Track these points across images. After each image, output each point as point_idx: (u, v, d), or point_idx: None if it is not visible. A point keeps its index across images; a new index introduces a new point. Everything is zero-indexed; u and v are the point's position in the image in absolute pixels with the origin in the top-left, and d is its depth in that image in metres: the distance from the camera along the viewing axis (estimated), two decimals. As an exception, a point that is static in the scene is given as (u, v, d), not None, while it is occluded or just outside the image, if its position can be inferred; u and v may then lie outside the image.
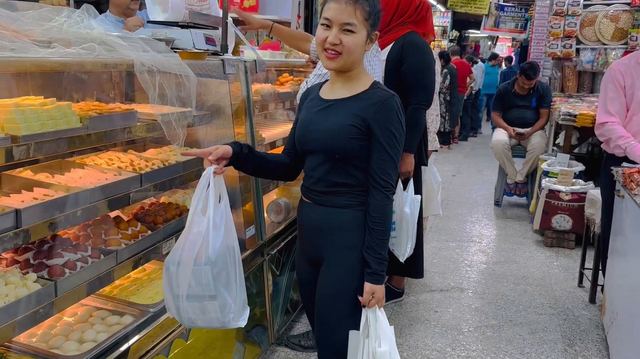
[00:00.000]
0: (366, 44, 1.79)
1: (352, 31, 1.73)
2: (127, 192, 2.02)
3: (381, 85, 1.86)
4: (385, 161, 1.79)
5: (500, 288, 4.00)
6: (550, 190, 4.87)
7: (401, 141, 1.82)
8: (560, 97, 6.22)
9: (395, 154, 1.80)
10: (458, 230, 5.32)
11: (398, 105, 1.80)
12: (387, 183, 1.79)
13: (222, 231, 1.72)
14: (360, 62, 1.83)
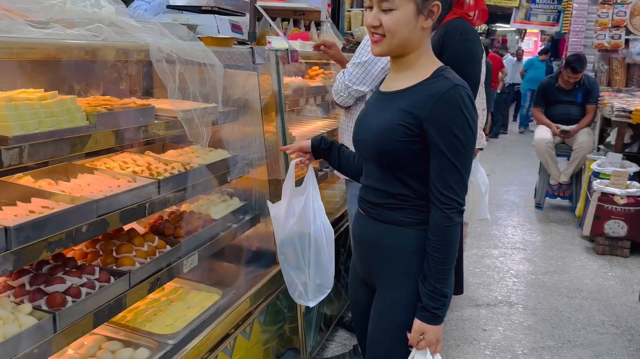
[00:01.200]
0: (418, 18, 1.43)
1: (391, 8, 1.41)
2: (142, 202, 1.72)
3: (448, 72, 1.50)
4: (446, 170, 1.43)
5: (553, 302, 3.62)
6: (603, 193, 4.46)
7: (468, 144, 1.44)
8: (608, 91, 5.79)
9: (461, 161, 1.43)
10: (499, 236, 4.94)
11: (463, 98, 1.42)
12: (448, 199, 1.43)
13: (293, 219, 1.84)
14: (417, 44, 1.47)
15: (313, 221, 1.84)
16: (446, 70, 1.51)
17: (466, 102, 1.43)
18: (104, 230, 1.58)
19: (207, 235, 2.06)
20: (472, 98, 1.45)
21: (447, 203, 1.44)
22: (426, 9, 1.43)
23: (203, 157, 2.15)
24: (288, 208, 1.85)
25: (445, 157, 1.43)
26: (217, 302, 1.99)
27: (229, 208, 2.31)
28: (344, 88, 2.43)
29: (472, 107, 1.44)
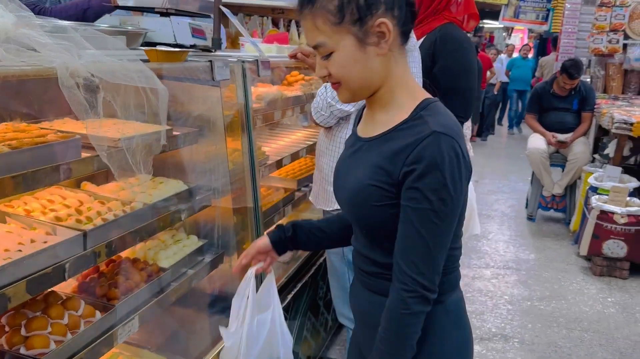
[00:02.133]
0: (366, 49, 1.10)
1: (329, 52, 1.11)
2: (60, 263, 1.34)
3: (431, 110, 1.13)
4: (410, 241, 1.10)
5: (552, 335, 3.31)
6: (602, 211, 4.16)
7: (444, 211, 1.08)
8: (605, 98, 5.50)
9: (431, 232, 1.09)
10: (491, 253, 4.63)
11: (442, 151, 1.06)
12: (408, 279, 1.10)
13: (257, 348, 1.38)
14: (382, 76, 1.14)
15: (282, 346, 1.43)
16: (428, 107, 1.14)
17: (445, 155, 1.06)
18: (2, 308, 1.21)
19: (153, 290, 1.69)
20: (456, 148, 1.08)
21: (406, 283, 1.11)
22: (371, 35, 1.09)
23: (150, 191, 1.78)
24: (249, 334, 1.37)
25: (411, 225, 1.09)
26: (162, 377, 1.63)
27: (183, 251, 1.94)
28: (325, 106, 2.07)
29: (456, 160, 1.07)
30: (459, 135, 1.10)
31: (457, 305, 1.25)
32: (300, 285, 2.51)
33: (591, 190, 4.50)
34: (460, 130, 1.13)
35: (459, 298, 1.26)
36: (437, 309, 1.18)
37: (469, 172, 1.13)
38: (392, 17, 1.09)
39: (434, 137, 1.06)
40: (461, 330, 1.27)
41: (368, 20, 1.08)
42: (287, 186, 3.01)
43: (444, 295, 1.19)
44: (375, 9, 1.07)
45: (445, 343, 1.22)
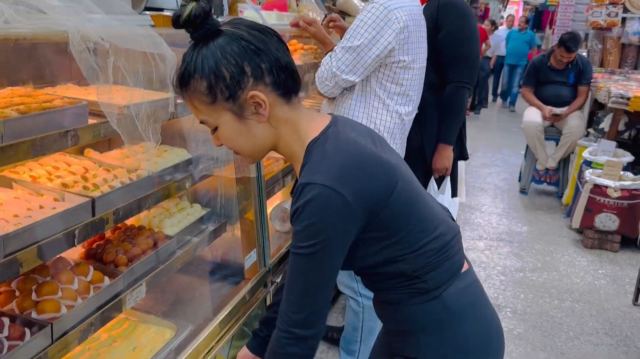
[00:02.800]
0: (246, 121, 1.11)
1: (214, 127, 1.14)
2: (70, 229, 1.35)
3: (313, 150, 1.12)
4: (289, 281, 1.12)
5: (544, 305, 3.38)
6: (596, 185, 4.20)
7: (314, 255, 1.06)
8: (601, 72, 5.50)
9: (302, 274, 1.09)
10: (484, 225, 4.68)
11: (310, 199, 1.04)
12: (282, 316, 1.12)
13: None
14: (272, 139, 1.15)
15: None
16: (310, 153, 1.12)
17: (308, 204, 1.04)
18: (15, 273, 1.21)
19: (159, 257, 1.70)
20: (324, 194, 1.04)
21: (282, 322, 1.12)
22: (247, 108, 1.09)
23: (155, 159, 1.77)
24: None
25: (290, 266, 1.11)
26: (170, 342, 1.65)
27: (188, 219, 1.95)
28: (330, 76, 2.06)
29: (322, 206, 1.04)
30: (329, 177, 1.06)
31: (458, 297, 1.19)
32: (301, 254, 2.53)
33: (585, 164, 4.54)
34: (339, 167, 1.08)
35: (459, 288, 1.19)
36: (435, 305, 1.17)
37: (348, 209, 1.06)
38: (265, 85, 1.09)
39: (301, 188, 1.07)
40: (469, 322, 1.19)
41: (240, 95, 1.08)
42: (286, 157, 3.00)
43: (437, 290, 1.17)
44: (244, 84, 1.07)
45: (447, 341, 1.18)
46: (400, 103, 2.13)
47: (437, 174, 2.69)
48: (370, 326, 2.35)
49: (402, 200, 1.13)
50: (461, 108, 2.64)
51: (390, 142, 2.16)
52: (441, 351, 1.18)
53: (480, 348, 1.21)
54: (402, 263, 1.15)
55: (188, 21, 1.05)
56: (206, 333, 1.73)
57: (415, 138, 2.56)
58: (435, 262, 1.17)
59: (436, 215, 1.21)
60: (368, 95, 2.12)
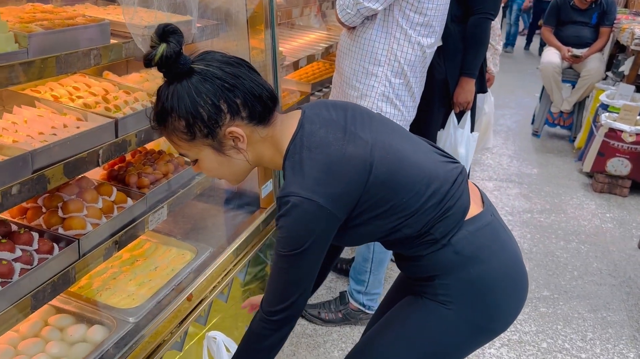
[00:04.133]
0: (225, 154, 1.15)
1: (194, 159, 1.19)
2: (94, 149, 1.36)
3: (287, 162, 1.16)
4: (270, 276, 1.22)
5: (550, 245, 3.43)
6: (611, 129, 4.16)
7: (289, 259, 1.14)
8: (625, 14, 5.32)
9: (278, 274, 1.18)
10: (494, 166, 4.68)
11: (289, 209, 1.10)
12: (264, 306, 1.22)
13: None
14: (255, 160, 1.21)
15: None
16: (285, 168, 1.16)
17: (287, 215, 1.11)
18: (42, 189, 1.23)
19: (179, 181, 1.72)
20: (298, 204, 1.09)
21: (263, 306, 1.22)
22: (225, 142, 1.14)
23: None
24: None
25: (273, 261, 1.20)
26: (190, 263, 1.69)
27: (206, 146, 1.95)
28: (352, 4, 2.00)
29: (299, 216, 1.10)
30: (302, 187, 1.10)
31: (469, 241, 1.22)
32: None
33: (601, 108, 4.47)
34: (310, 177, 1.12)
35: (469, 232, 1.22)
36: (446, 252, 1.21)
37: (324, 212, 1.11)
38: (241, 119, 1.12)
39: (278, 202, 1.13)
40: (481, 264, 1.22)
41: (218, 132, 1.11)
42: (302, 90, 2.98)
43: (445, 237, 1.21)
44: (221, 121, 1.10)
45: (463, 281, 1.22)
46: (422, 34, 2.08)
47: (457, 108, 2.67)
48: (380, 257, 2.40)
49: (382, 177, 1.16)
50: (485, 40, 2.58)
51: (409, 75, 2.13)
52: (458, 291, 1.23)
53: (497, 289, 1.24)
54: (405, 228, 1.20)
55: (160, 63, 1.06)
56: (224, 257, 1.78)
57: (438, 71, 2.52)
58: (437, 216, 1.20)
59: (427, 170, 1.22)
60: (390, 25, 2.07)
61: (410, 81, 2.14)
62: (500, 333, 1.32)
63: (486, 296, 1.24)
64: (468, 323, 1.25)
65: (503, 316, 1.29)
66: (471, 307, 1.24)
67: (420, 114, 2.40)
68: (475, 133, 2.77)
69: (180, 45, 1.07)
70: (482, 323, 1.26)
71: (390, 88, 2.12)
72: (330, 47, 3.09)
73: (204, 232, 2.01)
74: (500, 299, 1.25)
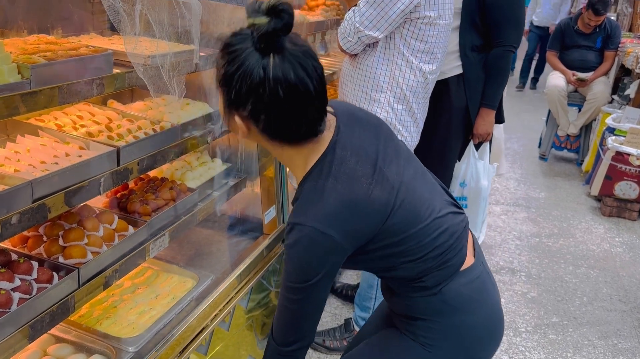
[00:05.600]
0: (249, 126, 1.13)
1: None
2: (96, 177, 1.36)
3: (307, 183, 1.15)
4: (278, 308, 1.23)
5: (558, 270, 3.39)
6: (618, 152, 4.14)
7: (294, 288, 1.16)
8: (630, 37, 5.34)
9: (285, 306, 1.20)
10: (502, 190, 4.66)
11: (296, 240, 1.11)
12: (275, 337, 1.25)
13: None
14: (275, 150, 1.19)
15: None
16: (303, 187, 1.16)
17: (294, 245, 1.12)
18: (43, 218, 1.24)
19: (182, 208, 1.72)
20: (308, 234, 1.10)
21: (273, 336, 1.26)
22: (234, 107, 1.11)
23: (177, 112, 1.77)
24: None
25: (281, 293, 1.21)
26: (191, 291, 1.68)
27: (209, 173, 1.96)
28: (353, 32, 2.02)
29: (306, 246, 1.11)
30: (317, 219, 1.09)
31: (458, 293, 1.23)
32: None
33: (608, 131, 4.46)
34: (328, 210, 1.10)
35: (460, 284, 1.23)
36: (434, 300, 1.23)
37: (336, 246, 1.11)
38: (255, 125, 1.11)
39: (290, 227, 1.13)
40: (469, 314, 1.23)
41: (233, 110, 1.11)
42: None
43: (436, 287, 1.22)
44: (240, 109, 1.09)
45: (445, 329, 1.24)
46: (424, 61, 2.09)
47: (477, 139, 2.66)
48: (385, 284, 2.38)
49: (397, 226, 1.16)
50: (507, 72, 2.58)
51: (412, 101, 2.13)
52: (440, 335, 1.24)
53: (476, 339, 1.26)
54: (402, 271, 1.22)
55: (276, 28, 1.03)
56: (226, 284, 1.76)
57: (458, 98, 2.51)
58: (435, 266, 1.21)
59: (438, 223, 1.22)
60: (391, 52, 2.08)
61: (413, 107, 2.15)
62: None
63: (466, 344, 1.26)
64: None
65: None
66: (450, 352, 1.25)
67: (437, 144, 2.39)
68: (495, 164, 2.76)
69: (289, 29, 1.05)
70: None
71: (393, 114, 2.13)
72: (334, 73, 3.12)
73: (206, 259, 2.00)
74: (478, 347, 1.27)
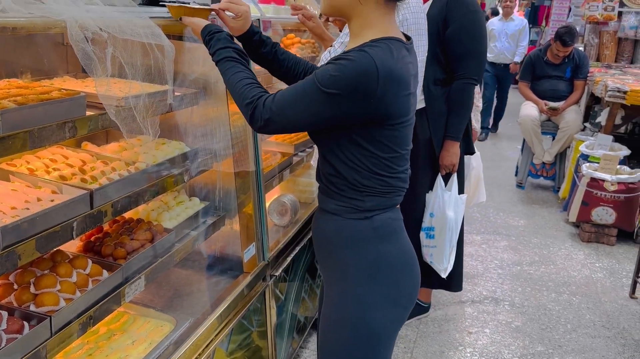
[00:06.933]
0: None
1: None
2: (68, 221, 1.33)
3: (378, 44, 1.26)
4: (289, 89, 1.31)
5: (541, 298, 3.39)
6: (593, 179, 4.21)
7: (312, 88, 1.24)
8: (598, 67, 5.50)
9: (296, 90, 1.28)
10: (481, 219, 4.69)
11: (355, 60, 1.21)
12: (266, 97, 1.35)
13: None
14: (356, 13, 1.31)
15: None
16: (381, 40, 1.28)
17: (357, 65, 1.21)
18: (13, 266, 1.20)
19: (158, 250, 1.69)
20: (369, 71, 1.21)
21: (264, 97, 1.38)
22: None
23: (153, 152, 1.76)
24: None
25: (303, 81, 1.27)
26: (169, 335, 1.64)
27: (186, 212, 1.94)
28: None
29: (363, 77, 1.21)
30: (381, 60, 1.21)
31: (387, 223, 1.36)
32: (299, 248, 2.53)
33: (582, 158, 4.55)
34: (394, 73, 1.23)
35: (391, 218, 1.37)
36: (364, 224, 1.34)
37: (373, 91, 1.20)
38: None
39: (358, 49, 1.23)
40: (391, 244, 1.37)
41: None
42: (284, 151, 2.99)
43: (371, 212, 1.34)
44: None
45: (370, 253, 1.35)
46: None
47: (444, 171, 2.69)
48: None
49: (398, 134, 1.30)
50: (469, 104, 2.64)
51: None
52: (361, 265, 1.35)
53: (395, 268, 1.37)
54: (360, 171, 1.31)
55: None
56: (205, 327, 1.72)
57: (422, 131, 2.56)
58: (382, 191, 1.34)
59: (406, 161, 1.38)
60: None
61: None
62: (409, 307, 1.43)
63: (382, 276, 1.36)
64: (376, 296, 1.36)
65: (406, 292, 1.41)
66: (369, 285, 1.36)
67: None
68: (464, 195, 2.78)
69: None
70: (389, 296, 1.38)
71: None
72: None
73: (185, 300, 1.96)
74: (393, 279, 1.38)
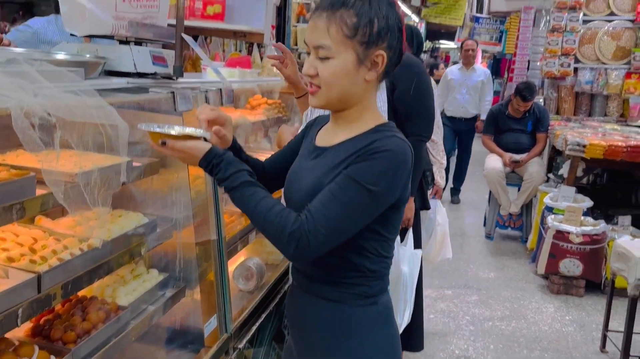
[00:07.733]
0: (360, 69, 1.24)
1: (328, 56, 1.23)
2: (13, 308, 1.27)
3: (392, 128, 1.32)
4: (330, 197, 1.19)
5: (513, 356, 3.36)
6: (558, 231, 4.28)
7: (357, 192, 1.18)
8: (558, 120, 5.70)
9: (340, 199, 1.18)
10: (451, 272, 4.68)
11: (392, 149, 1.23)
12: (309, 219, 1.18)
13: None
14: (359, 98, 1.29)
15: None
16: (388, 125, 1.33)
17: (396, 154, 1.23)
18: (-53, 362, 1.13)
19: (111, 330, 1.61)
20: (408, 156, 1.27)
21: (305, 218, 1.19)
22: (368, 60, 1.24)
23: (108, 225, 1.71)
24: None
25: (341, 185, 1.20)
26: None
27: (143, 286, 1.87)
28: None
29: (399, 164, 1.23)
30: (407, 156, 1.26)
31: (387, 305, 1.37)
32: (265, 316, 2.46)
33: (547, 210, 4.62)
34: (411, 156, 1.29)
35: (388, 298, 1.39)
36: (372, 310, 1.32)
37: (401, 186, 1.24)
38: (388, 55, 1.25)
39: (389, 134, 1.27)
40: (392, 326, 1.38)
41: (372, 47, 1.22)
42: (249, 213, 2.96)
43: (377, 296, 1.33)
44: (381, 41, 1.23)
45: (376, 338, 1.33)
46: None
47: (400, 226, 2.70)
48: None
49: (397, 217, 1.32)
50: (420, 161, 2.69)
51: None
52: (366, 353, 1.31)
53: (397, 349, 1.38)
54: (369, 260, 1.28)
55: None
56: (162, 410, 1.64)
57: None
58: (383, 273, 1.34)
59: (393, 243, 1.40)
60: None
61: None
62: None
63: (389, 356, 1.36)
64: None
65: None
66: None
67: None
68: (419, 251, 2.78)
69: None
70: None
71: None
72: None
73: (143, 379, 1.87)
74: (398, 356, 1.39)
